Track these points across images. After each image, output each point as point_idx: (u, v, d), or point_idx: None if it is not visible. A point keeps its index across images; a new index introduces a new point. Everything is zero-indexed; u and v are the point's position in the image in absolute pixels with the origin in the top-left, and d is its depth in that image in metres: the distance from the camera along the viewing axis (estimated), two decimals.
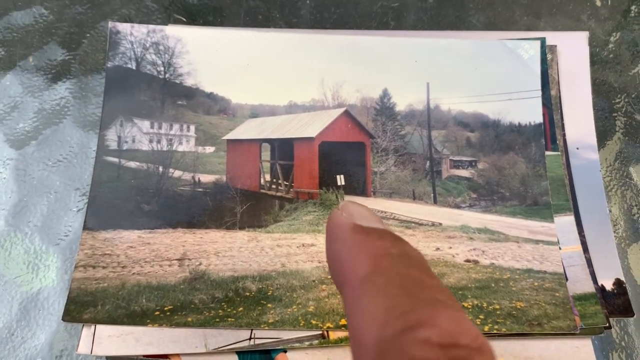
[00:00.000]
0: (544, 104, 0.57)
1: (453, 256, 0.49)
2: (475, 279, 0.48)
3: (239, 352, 0.44)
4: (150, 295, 0.44)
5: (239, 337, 0.44)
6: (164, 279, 0.45)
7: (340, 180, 0.50)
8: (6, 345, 0.47)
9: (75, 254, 0.49)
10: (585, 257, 0.51)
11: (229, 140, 0.52)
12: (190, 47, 0.53)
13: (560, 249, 0.52)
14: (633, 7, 0.61)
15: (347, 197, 0.50)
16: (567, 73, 0.57)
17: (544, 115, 0.57)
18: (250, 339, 0.43)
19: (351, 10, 0.59)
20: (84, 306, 0.44)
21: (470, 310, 0.47)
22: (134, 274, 0.46)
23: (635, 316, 0.49)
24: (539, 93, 0.56)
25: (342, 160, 0.52)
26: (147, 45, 0.52)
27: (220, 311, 0.44)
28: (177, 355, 0.43)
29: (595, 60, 0.58)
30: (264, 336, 0.44)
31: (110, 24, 0.54)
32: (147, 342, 0.43)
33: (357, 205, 0.32)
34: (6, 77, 0.55)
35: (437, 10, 0.59)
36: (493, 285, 0.48)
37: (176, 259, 0.46)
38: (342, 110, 0.52)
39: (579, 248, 0.52)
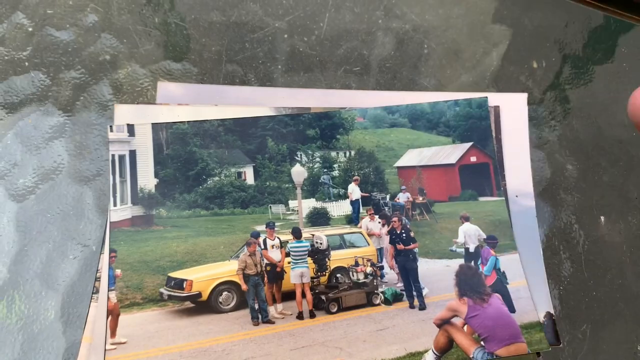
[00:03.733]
0: (488, 155, 0.65)
1: None
2: None
3: None
4: None
5: None
6: None
7: None
8: None
9: (72, 298, 0.55)
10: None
11: None
12: None
13: (508, 283, 0.60)
14: (565, 69, 0.69)
15: None
16: (508, 129, 0.65)
17: (489, 165, 0.65)
18: None
19: (318, 74, 0.66)
20: None
21: None
22: None
23: (561, 345, 0.58)
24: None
25: None
26: None
27: None
28: None
29: (533, 116, 0.67)
30: None
31: None
32: None
33: None
34: (7, 136, 0.61)
35: (393, 74, 0.67)
36: None
37: None
38: None
39: (525, 282, 0.60)
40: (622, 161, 0.66)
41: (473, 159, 0.68)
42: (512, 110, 0.66)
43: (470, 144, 0.67)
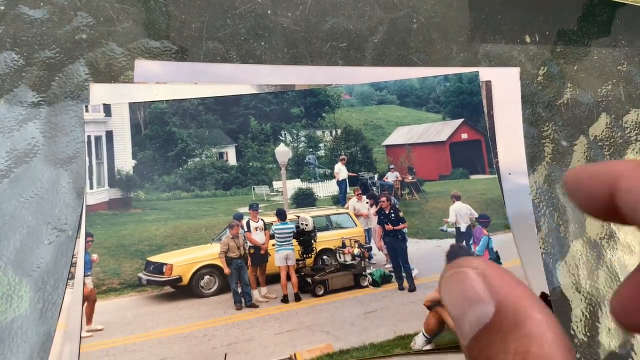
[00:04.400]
0: (480, 132, 0.63)
1: None
2: None
3: None
4: None
5: None
6: None
7: None
8: None
9: (47, 285, 0.53)
10: None
11: None
12: None
13: (501, 264, 0.58)
14: (559, 43, 0.67)
15: None
16: (500, 105, 0.63)
17: (480, 142, 0.63)
18: None
19: (303, 51, 0.64)
20: None
21: None
22: None
23: None
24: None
25: None
26: None
27: None
28: None
29: (526, 92, 0.64)
30: None
31: None
32: None
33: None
34: None
35: (381, 50, 0.64)
36: None
37: None
38: None
39: (519, 262, 0.58)
40: (618, 137, 0.64)
41: (464, 135, 0.66)
42: (504, 85, 0.63)
43: (461, 120, 0.65)
